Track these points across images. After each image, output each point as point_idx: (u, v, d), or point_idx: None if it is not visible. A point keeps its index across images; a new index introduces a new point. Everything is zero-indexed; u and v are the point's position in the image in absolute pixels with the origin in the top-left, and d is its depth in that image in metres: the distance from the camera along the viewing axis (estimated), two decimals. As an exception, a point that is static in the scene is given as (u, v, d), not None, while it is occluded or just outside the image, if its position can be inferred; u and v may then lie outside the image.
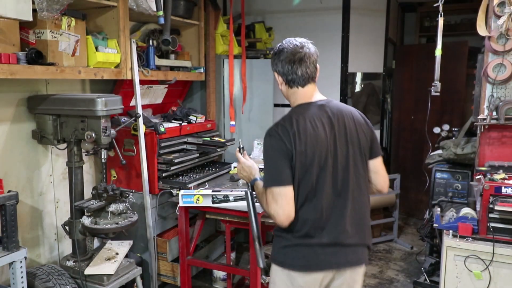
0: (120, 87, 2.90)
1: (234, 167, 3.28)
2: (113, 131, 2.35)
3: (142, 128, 2.76)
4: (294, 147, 1.56)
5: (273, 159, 1.60)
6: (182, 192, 2.54)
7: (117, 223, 2.33)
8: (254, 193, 1.81)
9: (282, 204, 1.55)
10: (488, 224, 2.24)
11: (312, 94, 1.71)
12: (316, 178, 1.59)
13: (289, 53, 1.65)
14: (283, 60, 1.66)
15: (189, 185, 2.84)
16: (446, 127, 3.39)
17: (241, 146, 1.90)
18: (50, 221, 2.64)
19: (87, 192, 2.53)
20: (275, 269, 1.72)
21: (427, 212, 3.24)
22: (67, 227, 2.44)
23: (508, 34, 2.41)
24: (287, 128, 1.59)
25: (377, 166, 1.76)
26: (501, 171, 2.39)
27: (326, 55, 4.05)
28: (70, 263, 2.44)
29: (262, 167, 1.62)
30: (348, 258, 1.67)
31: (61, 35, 2.20)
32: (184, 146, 3.20)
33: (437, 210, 2.61)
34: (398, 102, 5.07)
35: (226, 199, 2.48)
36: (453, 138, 3.30)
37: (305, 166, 1.58)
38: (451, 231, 2.35)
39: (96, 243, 2.77)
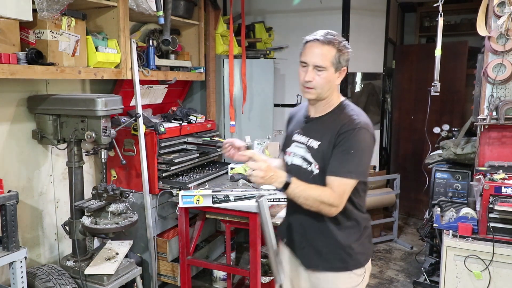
0: (120, 87, 2.90)
1: (232, 168, 3.28)
2: (113, 131, 2.35)
3: (142, 128, 2.76)
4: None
5: (367, 154, 1.63)
6: (182, 192, 2.53)
7: (117, 223, 2.33)
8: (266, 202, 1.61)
9: (347, 197, 1.56)
10: (488, 224, 2.24)
11: None
12: None
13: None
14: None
15: (189, 185, 2.84)
16: (446, 127, 3.39)
17: (248, 143, 1.68)
18: (50, 221, 2.64)
19: (87, 192, 2.53)
20: (359, 273, 1.69)
21: (427, 212, 3.25)
22: (67, 227, 2.44)
23: (508, 34, 2.41)
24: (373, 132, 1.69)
25: None
26: (501, 171, 2.40)
27: (326, 55, 4.05)
28: (70, 263, 2.44)
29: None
30: None
31: (61, 35, 2.20)
32: (184, 146, 3.20)
33: (437, 210, 2.61)
34: (398, 102, 5.07)
35: (226, 199, 2.48)
36: (453, 138, 3.30)
37: None
38: (451, 231, 2.35)
39: (96, 243, 2.77)
